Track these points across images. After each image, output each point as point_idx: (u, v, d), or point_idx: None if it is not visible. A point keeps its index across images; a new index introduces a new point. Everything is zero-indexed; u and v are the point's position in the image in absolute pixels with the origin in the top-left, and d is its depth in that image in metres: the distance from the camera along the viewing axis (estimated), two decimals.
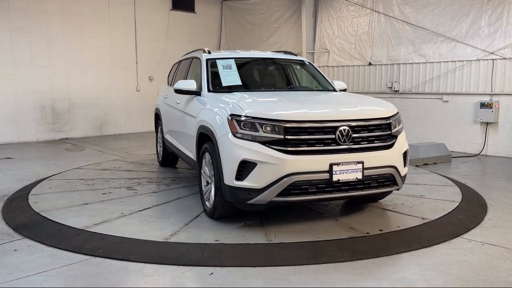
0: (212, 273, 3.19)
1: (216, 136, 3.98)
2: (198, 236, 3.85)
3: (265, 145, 3.70)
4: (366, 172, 3.87)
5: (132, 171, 6.53)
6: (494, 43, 8.04)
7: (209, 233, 3.90)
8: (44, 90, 10.06)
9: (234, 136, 3.80)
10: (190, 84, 4.84)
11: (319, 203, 4.78)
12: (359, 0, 10.06)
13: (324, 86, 5.49)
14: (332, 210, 4.71)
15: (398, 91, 9.45)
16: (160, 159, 6.99)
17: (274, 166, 3.64)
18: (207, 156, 4.30)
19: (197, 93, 4.86)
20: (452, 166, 7.29)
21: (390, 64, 9.60)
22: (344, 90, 5.45)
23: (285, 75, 5.98)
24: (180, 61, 6.66)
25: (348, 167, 3.79)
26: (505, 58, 7.93)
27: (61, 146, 9.40)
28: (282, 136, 3.70)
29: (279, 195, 3.70)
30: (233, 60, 5.18)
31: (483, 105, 8.13)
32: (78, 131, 10.65)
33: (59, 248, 3.63)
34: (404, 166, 4.21)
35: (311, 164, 3.71)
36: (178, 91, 4.91)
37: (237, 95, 4.53)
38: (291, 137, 3.71)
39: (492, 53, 8.05)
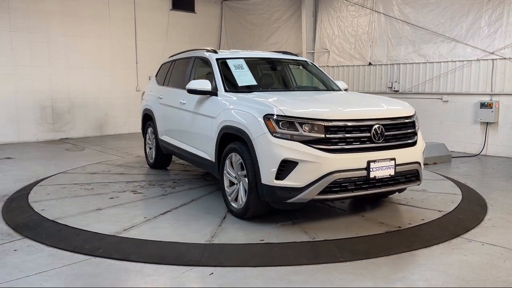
0: (212, 273, 3.19)
1: (251, 136, 3.96)
2: (239, 236, 3.84)
3: (305, 144, 3.74)
4: (398, 169, 4.03)
5: (126, 174, 6.33)
6: (494, 43, 8.04)
7: (250, 233, 3.90)
8: (44, 90, 10.06)
9: (273, 135, 3.81)
10: (205, 84, 4.77)
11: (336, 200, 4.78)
12: (359, 0, 10.06)
13: (329, 86, 5.57)
14: (353, 206, 4.82)
15: (398, 91, 9.45)
16: (152, 161, 6.75)
17: (315, 164, 3.70)
18: (233, 156, 4.29)
19: (213, 93, 4.79)
20: (452, 166, 7.29)
21: (390, 64, 9.60)
22: (346, 90, 5.53)
23: (292, 75, 5.99)
24: (174, 61, 6.47)
25: (383, 164, 3.94)
26: (505, 58, 7.93)
27: (61, 146, 9.40)
28: (323, 135, 3.77)
29: (320, 193, 3.76)
30: (243, 60, 5.23)
31: (483, 105, 8.13)
32: (78, 131, 10.65)
33: (59, 248, 3.63)
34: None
35: (351, 162, 3.81)
36: (192, 91, 4.84)
37: (260, 95, 4.55)
38: (331, 135, 3.79)
39: (492, 53, 8.05)
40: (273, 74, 5.88)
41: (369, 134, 3.92)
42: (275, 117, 3.84)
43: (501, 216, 4.55)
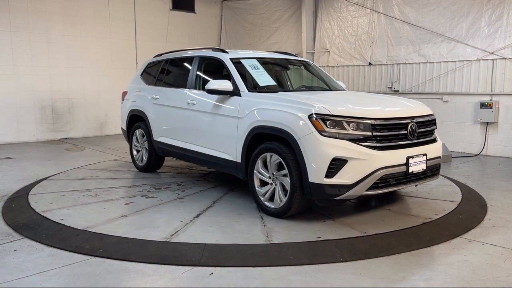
0: (212, 273, 3.19)
1: (296, 136, 3.99)
2: (294, 235, 3.85)
3: (353, 142, 3.88)
4: (428, 163, 4.33)
5: (117, 179, 6.10)
6: (494, 43, 8.04)
7: (302, 231, 3.94)
8: (44, 90, 10.06)
9: (321, 135, 3.87)
10: (226, 85, 4.76)
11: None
12: (359, 0, 10.06)
13: (333, 86, 5.68)
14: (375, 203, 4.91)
15: (398, 91, 9.45)
16: (142, 164, 6.48)
17: (364, 162, 3.85)
18: (268, 156, 4.31)
19: (234, 93, 4.78)
20: (452, 166, 7.29)
21: (390, 64, 9.60)
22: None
23: (300, 76, 6.03)
24: (166, 60, 6.31)
25: (418, 159, 4.21)
26: (505, 58, 7.93)
27: (61, 146, 9.40)
28: (370, 133, 3.94)
29: (368, 189, 3.92)
30: (255, 59, 5.26)
31: (483, 105, 8.13)
32: (78, 131, 10.65)
33: (59, 248, 3.63)
34: None
35: (394, 158, 4.02)
36: (212, 92, 4.81)
37: (289, 94, 4.69)
38: (377, 133, 3.98)
39: (492, 53, 8.05)
40: (283, 74, 5.88)
41: (406, 132, 4.18)
42: (323, 116, 3.93)
43: (501, 216, 4.55)
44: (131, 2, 11.27)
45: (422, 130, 4.37)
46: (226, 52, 5.33)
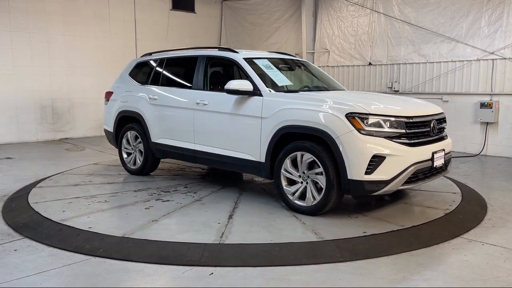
0: (212, 273, 3.19)
1: (334, 135, 4.09)
2: (341, 232, 3.94)
3: (389, 139, 4.06)
4: (446, 158, 4.66)
5: (116, 183, 5.87)
6: (494, 43, 8.04)
7: (346, 228, 4.04)
8: (44, 90, 10.06)
9: (360, 133, 4.02)
10: (247, 85, 4.76)
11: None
12: (359, 0, 10.06)
13: (333, 86, 5.75)
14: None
15: (398, 91, 9.45)
16: (136, 167, 6.24)
17: (400, 158, 4.05)
18: (299, 155, 4.36)
19: (255, 93, 4.77)
20: (452, 166, 7.25)
21: (390, 64, 9.60)
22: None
23: (310, 76, 6.01)
24: (162, 60, 6.14)
25: (439, 154, 4.49)
26: (505, 58, 7.93)
27: (61, 146, 9.40)
28: (404, 131, 4.16)
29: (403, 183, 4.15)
30: (266, 59, 5.31)
31: (483, 105, 8.13)
32: (78, 131, 10.65)
33: (59, 248, 3.63)
34: None
35: (423, 154, 4.27)
36: (233, 92, 4.79)
37: (313, 94, 4.88)
38: (410, 131, 4.22)
39: (492, 53, 8.05)
40: (291, 75, 5.85)
41: (429, 129, 4.44)
42: (360, 115, 4.06)
43: (501, 216, 4.55)
44: (131, 2, 11.27)
45: (439, 127, 4.70)
46: (236, 52, 5.31)
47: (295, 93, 4.84)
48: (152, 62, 6.34)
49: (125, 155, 6.45)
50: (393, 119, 4.13)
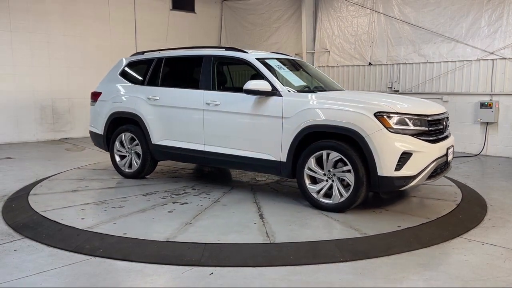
0: (212, 273, 3.19)
1: (364, 133, 4.23)
2: (375, 227, 4.06)
3: (414, 137, 4.27)
4: (454, 154, 4.91)
5: (119, 188, 5.69)
6: (494, 43, 8.04)
7: (380, 222, 4.19)
8: (44, 90, 10.06)
9: (389, 131, 4.19)
10: (265, 85, 4.78)
11: None
12: (359, 0, 10.06)
13: (336, 87, 5.81)
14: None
15: (398, 91, 9.45)
16: (133, 170, 5.97)
17: (424, 154, 4.28)
18: (325, 154, 4.45)
19: (273, 93, 4.79)
20: (452, 166, 7.28)
21: (390, 64, 9.60)
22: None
23: (309, 76, 6.03)
24: (160, 59, 5.92)
25: (450, 150, 4.75)
26: (505, 58, 7.93)
27: (61, 146, 9.41)
28: (426, 128, 4.39)
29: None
30: (276, 60, 5.41)
31: (483, 105, 8.13)
32: (78, 131, 10.65)
33: (59, 248, 3.63)
34: None
35: (441, 149, 4.50)
36: (251, 92, 4.79)
37: (336, 94, 5.06)
38: (431, 128, 4.45)
39: (492, 53, 8.05)
40: (300, 75, 5.87)
41: (442, 126, 4.68)
42: (389, 114, 4.24)
43: (501, 216, 4.55)
44: (131, 2, 11.27)
45: (447, 125, 4.96)
46: (246, 52, 5.31)
47: (311, 93, 4.94)
48: (148, 61, 6.09)
49: (118, 158, 6.16)
50: (417, 117, 4.33)
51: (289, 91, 4.82)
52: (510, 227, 4.24)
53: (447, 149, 4.62)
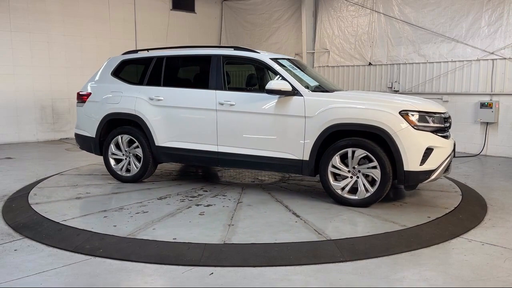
0: (212, 273, 3.19)
1: (391, 131, 4.45)
2: (407, 219, 4.26)
3: (433, 133, 4.55)
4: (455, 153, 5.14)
5: (128, 192, 5.55)
6: (494, 43, 8.04)
7: (407, 215, 4.40)
8: (44, 90, 10.07)
9: (414, 128, 4.45)
10: (286, 85, 4.83)
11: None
12: (359, 0, 10.06)
13: (335, 87, 5.85)
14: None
15: (398, 91, 9.45)
16: (133, 174, 5.71)
17: (442, 149, 4.58)
18: (350, 151, 4.59)
19: (293, 93, 4.84)
20: (452, 166, 7.28)
21: (390, 64, 9.60)
22: None
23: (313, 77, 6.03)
24: (161, 58, 5.72)
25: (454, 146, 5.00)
26: (505, 58, 7.93)
27: (61, 146, 9.40)
28: (443, 125, 4.69)
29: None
30: (287, 60, 5.51)
31: (483, 105, 8.13)
32: None
33: (59, 248, 3.63)
34: None
35: (451, 145, 4.82)
36: (273, 92, 4.81)
37: (353, 93, 5.35)
38: (445, 125, 4.76)
39: (492, 53, 8.05)
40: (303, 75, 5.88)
41: (449, 124, 4.91)
42: (412, 112, 4.50)
43: (501, 216, 4.55)
44: (131, 2, 11.28)
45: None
46: (257, 52, 5.35)
47: (329, 92, 5.06)
48: (146, 60, 5.86)
49: (113, 162, 5.83)
50: (436, 115, 4.63)
51: (310, 91, 4.94)
52: (510, 227, 4.24)
53: (454, 144, 4.92)
